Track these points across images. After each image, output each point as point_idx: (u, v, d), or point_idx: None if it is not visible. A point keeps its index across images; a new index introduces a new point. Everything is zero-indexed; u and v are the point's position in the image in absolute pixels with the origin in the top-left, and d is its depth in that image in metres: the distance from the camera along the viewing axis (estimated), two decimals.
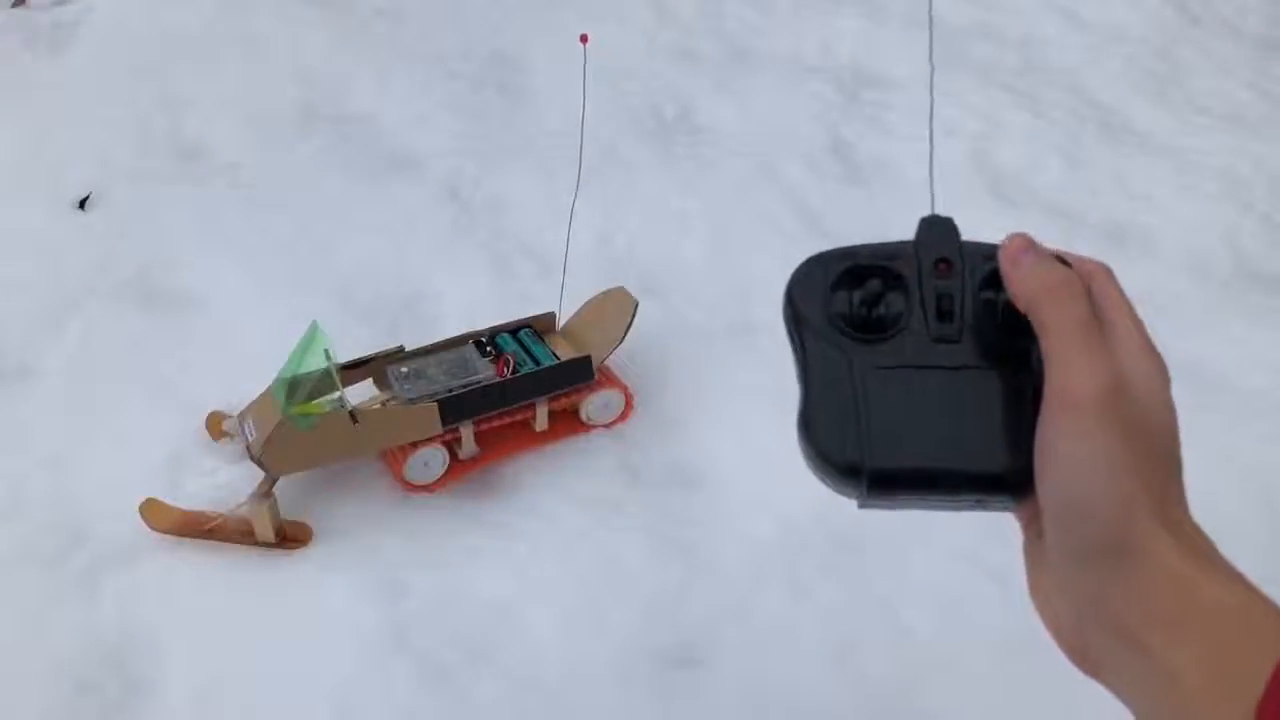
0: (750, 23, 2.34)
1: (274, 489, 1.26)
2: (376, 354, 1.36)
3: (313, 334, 1.26)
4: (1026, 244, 0.40)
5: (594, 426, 1.43)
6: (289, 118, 2.03)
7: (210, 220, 1.79)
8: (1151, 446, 0.36)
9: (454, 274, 1.69)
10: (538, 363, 1.38)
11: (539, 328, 1.46)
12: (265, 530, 1.25)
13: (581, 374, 1.38)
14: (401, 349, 1.38)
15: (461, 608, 1.22)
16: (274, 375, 1.26)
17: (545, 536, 1.30)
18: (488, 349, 1.41)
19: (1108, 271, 0.41)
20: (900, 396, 0.38)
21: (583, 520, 1.31)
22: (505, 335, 1.43)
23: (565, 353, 1.42)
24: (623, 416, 1.44)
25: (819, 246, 0.41)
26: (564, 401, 1.39)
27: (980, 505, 0.39)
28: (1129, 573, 0.34)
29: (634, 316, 1.43)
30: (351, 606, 1.22)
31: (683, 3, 2.39)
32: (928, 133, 0.46)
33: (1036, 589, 0.39)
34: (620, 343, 1.42)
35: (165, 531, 1.24)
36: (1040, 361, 0.37)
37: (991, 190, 1.87)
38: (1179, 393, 0.39)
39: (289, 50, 2.19)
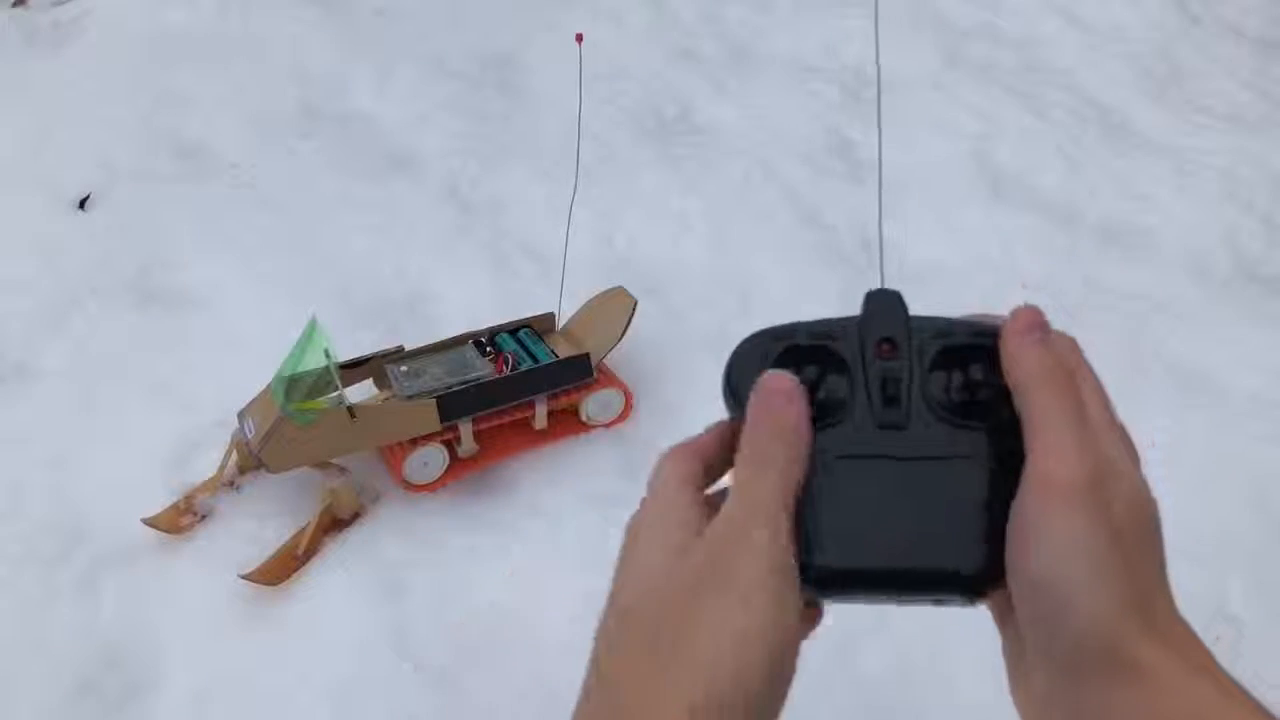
0: (750, 23, 2.34)
1: (339, 475, 1.30)
2: (376, 353, 1.37)
3: (311, 331, 1.26)
4: (1040, 321, 0.36)
5: (594, 426, 1.43)
6: (289, 117, 2.04)
7: (210, 220, 1.79)
8: (1137, 534, 0.33)
9: (454, 274, 1.69)
10: (537, 361, 1.38)
11: (538, 328, 1.47)
12: (349, 507, 1.30)
13: (580, 372, 1.38)
14: (401, 348, 1.39)
15: (461, 608, 1.22)
16: (274, 374, 1.27)
17: (545, 536, 1.30)
18: (487, 349, 1.41)
19: (1074, 345, 0.38)
20: (845, 488, 0.35)
21: (583, 519, 1.31)
22: (505, 335, 1.44)
23: (565, 352, 1.42)
24: (622, 416, 1.44)
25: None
26: (563, 400, 1.40)
27: (936, 603, 0.37)
28: (1123, 687, 0.31)
29: (633, 316, 1.43)
30: (351, 606, 1.22)
31: (683, 3, 2.39)
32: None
33: (1020, 698, 0.36)
34: (619, 341, 1.42)
35: (272, 580, 1.23)
36: (993, 448, 0.35)
37: (991, 190, 1.87)
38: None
39: (289, 50, 2.20)
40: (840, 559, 0.35)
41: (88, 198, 1.84)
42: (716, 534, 0.35)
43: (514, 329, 1.45)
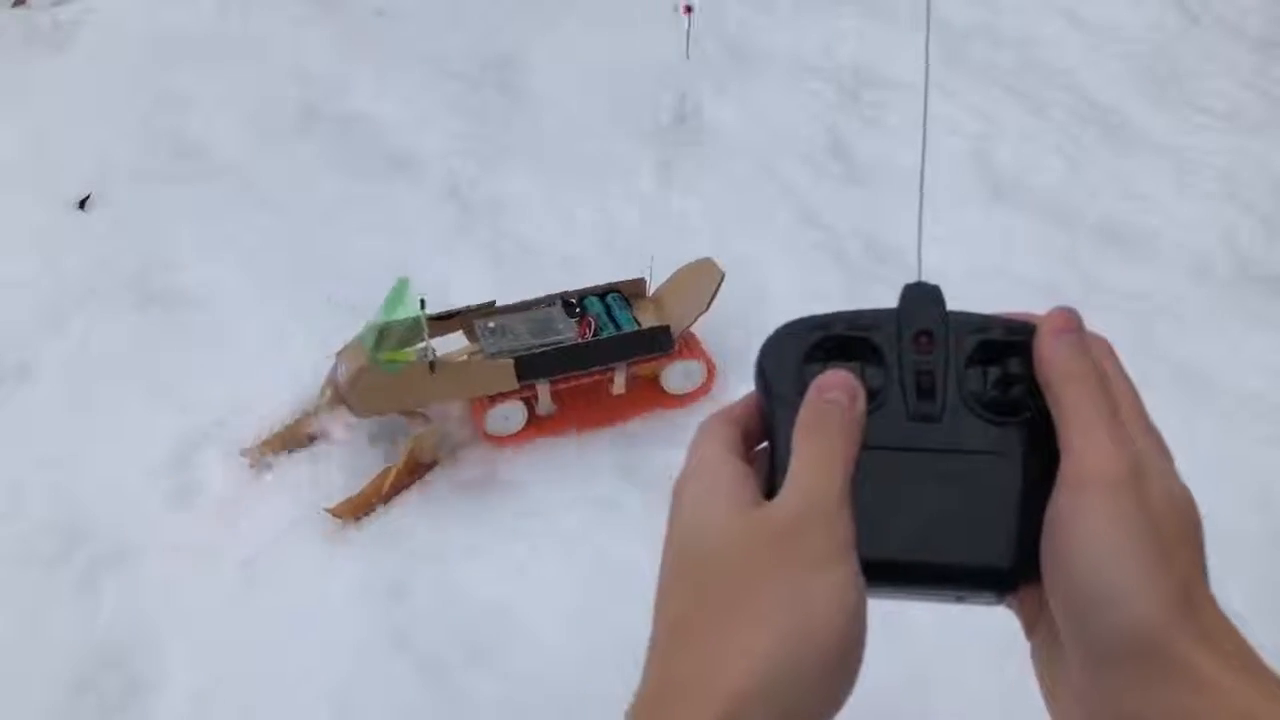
0: (750, 23, 2.34)
1: (425, 421, 1.35)
2: (467, 307, 1.41)
3: (402, 289, 1.32)
4: (1075, 323, 0.36)
5: (676, 396, 1.45)
6: (289, 118, 2.03)
7: (210, 220, 1.78)
8: (1177, 531, 0.33)
9: (454, 274, 1.69)
10: (619, 328, 1.40)
11: (628, 293, 1.48)
12: (430, 453, 1.36)
13: (660, 343, 1.39)
14: (492, 304, 1.42)
15: (461, 608, 1.22)
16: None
17: (545, 536, 1.30)
18: (575, 309, 1.43)
19: (1108, 347, 0.38)
20: (877, 480, 0.35)
21: (583, 520, 1.31)
22: (593, 298, 1.45)
23: (650, 320, 1.44)
24: (705, 388, 1.45)
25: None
26: (644, 368, 1.41)
27: (961, 600, 0.36)
28: (1166, 686, 0.31)
29: (719, 287, 1.43)
30: (351, 606, 1.22)
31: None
32: (928, 136, 0.45)
33: (1054, 701, 0.36)
34: (704, 312, 1.43)
35: (354, 516, 1.30)
36: (1027, 445, 0.36)
37: (991, 190, 1.87)
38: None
39: (289, 50, 2.19)
40: (871, 550, 0.34)
41: (88, 198, 1.84)
42: (789, 503, 0.34)
43: (603, 292, 1.47)
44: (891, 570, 0.35)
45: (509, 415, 1.36)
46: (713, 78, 2.17)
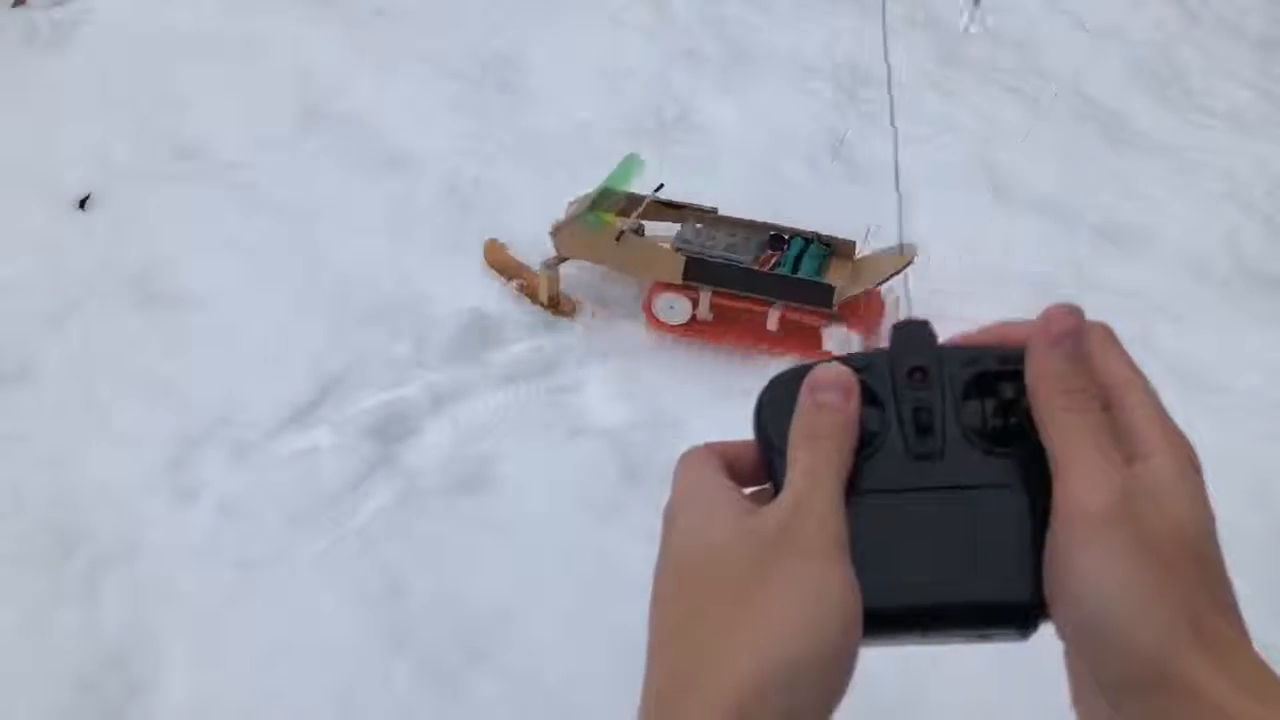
0: (750, 23, 2.34)
1: (559, 266, 1.57)
2: (690, 204, 1.59)
3: (630, 165, 1.56)
4: (1068, 329, 0.35)
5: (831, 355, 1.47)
6: (289, 117, 2.03)
7: (210, 220, 1.78)
8: (1178, 553, 0.31)
9: (453, 273, 1.69)
10: (795, 273, 1.49)
11: (838, 249, 1.57)
12: (543, 292, 1.59)
13: (819, 298, 1.48)
14: (714, 210, 1.59)
15: (461, 608, 1.22)
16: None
17: (545, 537, 1.30)
18: (783, 243, 1.54)
19: (1108, 332, 0.36)
20: (883, 523, 0.35)
21: (583, 520, 1.31)
22: (800, 239, 1.55)
23: (838, 279, 1.51)
24: None
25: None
26: (803, 318, 1.50)
27: (984, 639, 0.35)
28: (1176, 714, 0.30)
29: (899, 272, 1.50)
30: (351, 606, 1.22)
31: (683, 3, 2.39)
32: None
33: (1079, 702, 0.35)
34: (864, 289, 1.50)
35: (492, 266, 1.61)
36: (1032, 474, 0.35)
37: (992, 190, 1.87)
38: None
39: (289, 50, 2.19)
40: (887, 599, 0.34)
41: (88, 198, 1.84)
42: (785, 505, 0.34)
43: (812, 238, 1.56)
44: (911, 617, 0.34)
45: (673, 305, 1.52)
46: (713, 78, 2.17)
